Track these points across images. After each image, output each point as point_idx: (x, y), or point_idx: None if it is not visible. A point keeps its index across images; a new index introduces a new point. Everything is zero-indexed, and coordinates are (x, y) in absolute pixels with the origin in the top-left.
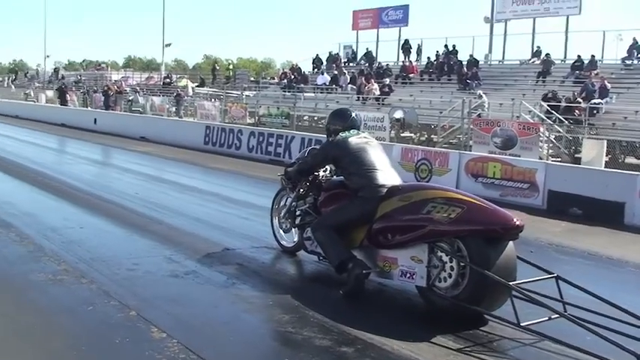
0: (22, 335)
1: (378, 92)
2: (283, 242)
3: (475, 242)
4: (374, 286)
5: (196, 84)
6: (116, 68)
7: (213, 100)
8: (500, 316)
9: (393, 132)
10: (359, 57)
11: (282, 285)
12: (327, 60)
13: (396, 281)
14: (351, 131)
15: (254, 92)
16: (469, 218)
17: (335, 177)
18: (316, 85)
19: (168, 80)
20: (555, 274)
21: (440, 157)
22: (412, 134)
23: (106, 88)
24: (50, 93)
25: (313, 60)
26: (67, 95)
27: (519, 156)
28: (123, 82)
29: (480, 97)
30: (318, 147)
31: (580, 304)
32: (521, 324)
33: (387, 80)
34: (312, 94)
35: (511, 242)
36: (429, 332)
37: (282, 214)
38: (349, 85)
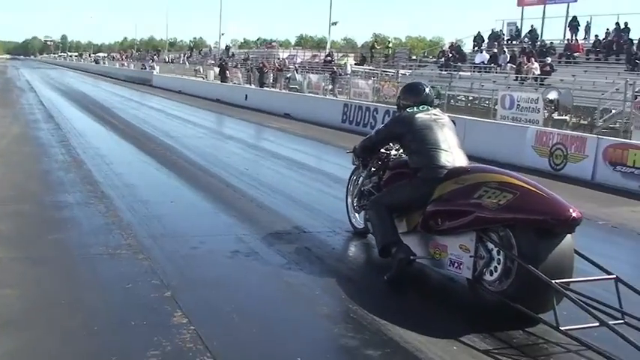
0: (45, 309)
1: (538, 71)
2: (355, 222)
3: (525, 233)
4: (438, 279)
5: (356, 62)
6: (287, 46)
7: (369, 78)
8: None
9: (546, 114)
10: (522, 34)
11: (338, 273)
12: (488, 38)
13: (446, 270)
14: (421, 107)
15: (410, 71)
16: (518, 206)
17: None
18: (474, 63)
19: (329, 58)
20: (615, 276)
21: (576, 141)
22: (566, 117)
23: (261, 65)
24: (218, 70)
25: (474, 38)
26: (227, 72)
27: None
28: (287, 61)
29: None
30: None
31: None
32: (561, 328)
33: (549, 59)
34: (469, 73)
35: (569, 236)
36: (475, 336)
37: (354, 193)
38: (508, 64)
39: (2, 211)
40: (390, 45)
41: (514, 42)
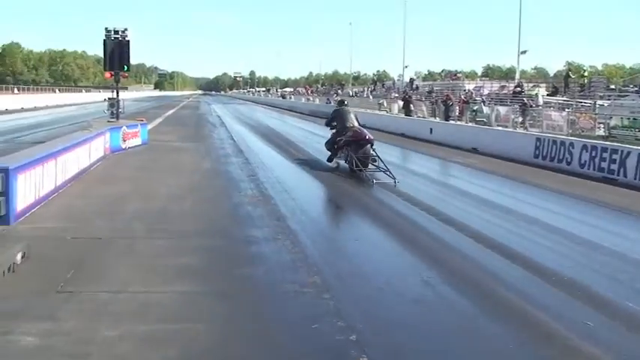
0: (232, 344)
1: None
2: (333, 162)
3: (354, 144)
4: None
5: (547, 93)
6: (473, 77)
7: (564, 109)
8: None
9: None
10: None
11: (539, 328)
12: None
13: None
14: (342, 106)
15: (609, 101)
16: (352, 135)
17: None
18: None
19: (519, 89)
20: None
21: None
22: None
23: (446, 97)
24: (401, 103)
25: None
26: (411, 105)
27: None
28: (473, 92)
29: None
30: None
31: None
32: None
33: None
34: None
35: (368, 145)
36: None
37: (332, 147)
38: None
39: (194, 245)
40: (586, 74)
41: None
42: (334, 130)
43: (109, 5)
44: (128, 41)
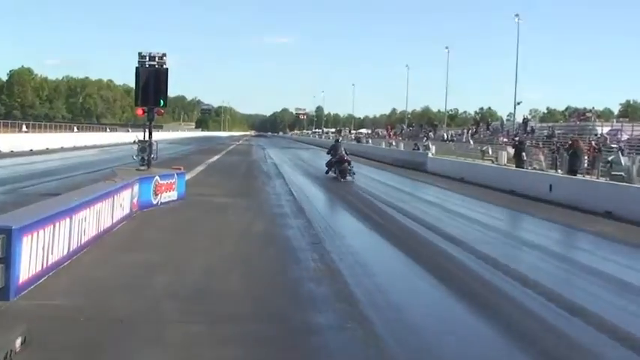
0: None
1: None
2: (329, 174)
3: (339, 164)
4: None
5: None
6: (607, 118)
7: None
8: None
9: None
10: None
11: None
12: None
13: (335, 177)
14: (336, 141)
15: None
16: (339, 157)
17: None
18: None
19: None
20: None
21: None
22: None
23: (570, 144)
24: (512, 151)
25: None
26: (524, 154)
27: None
28: (608, 138)
29: None
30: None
31: None
32: (341, 180)
33: None
34: None
35: (346, 164)
36: None
37: (330, 165)
38: None
39: (239, 333)
40: None
41: None
42: (330, 156)
43: (143, 27)
44: (166, 69)
